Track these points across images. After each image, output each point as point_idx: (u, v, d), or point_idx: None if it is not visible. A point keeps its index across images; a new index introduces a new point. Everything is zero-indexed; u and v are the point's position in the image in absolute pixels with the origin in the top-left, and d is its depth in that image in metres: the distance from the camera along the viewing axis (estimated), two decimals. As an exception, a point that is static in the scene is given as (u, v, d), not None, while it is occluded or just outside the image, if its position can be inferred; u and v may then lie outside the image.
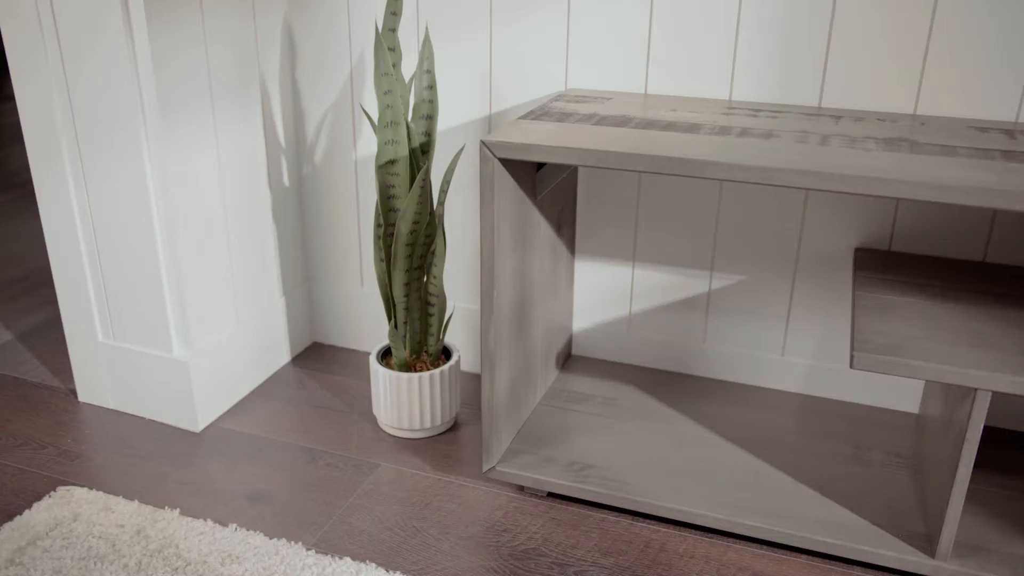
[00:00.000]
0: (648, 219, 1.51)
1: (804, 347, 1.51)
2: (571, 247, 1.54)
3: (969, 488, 1.28)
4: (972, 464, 1.07)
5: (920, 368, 1.05)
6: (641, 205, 1.51)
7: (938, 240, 1.38)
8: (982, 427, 1.06)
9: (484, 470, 1.33)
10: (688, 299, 1.54)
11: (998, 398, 1.44)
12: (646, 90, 1.43)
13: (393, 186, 1.37)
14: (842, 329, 1.47)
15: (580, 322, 1.63)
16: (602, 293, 1.59)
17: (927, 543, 1.17)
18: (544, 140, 1.12)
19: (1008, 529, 1.20)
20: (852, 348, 1.08)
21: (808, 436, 1.41)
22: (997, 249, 1.35)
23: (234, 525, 1.27)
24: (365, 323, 1.76)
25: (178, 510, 1.30)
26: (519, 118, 1.24)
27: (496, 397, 1.28)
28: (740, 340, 1.54)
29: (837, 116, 1.28)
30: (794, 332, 1.50)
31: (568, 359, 1.64)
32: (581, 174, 1.52)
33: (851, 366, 1.07)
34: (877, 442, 1.40)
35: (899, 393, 1.48)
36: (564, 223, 1.48)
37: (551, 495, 1.35)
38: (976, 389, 1.04)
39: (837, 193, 1.28)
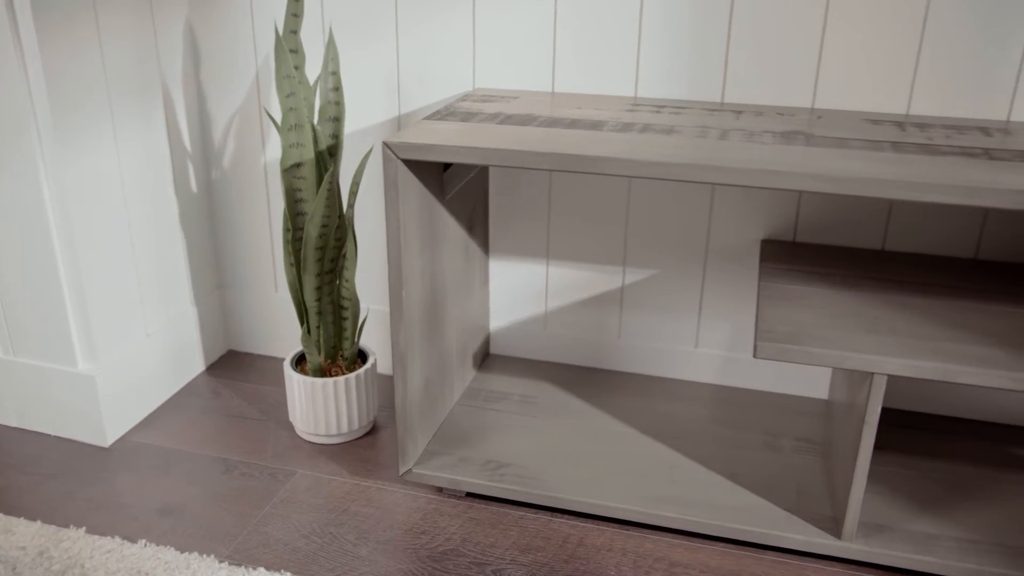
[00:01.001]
0: (559, 217, 1.52)
1: (716, 338, 1.53)
2: (484, 246, 1.54)
3: (873, 469, 1.32)
4: (872, 446, 1.10)
5: (819, 355, 1.07)
6: (552, 203, 1.52)
7: (840, 230, 1.41)
8: (880, 410, 1.09)
9: (400, 473, 1.32)
10: (602, 295, 1.56)
11: (898, 381, 1.48)
12: (553, 88, 1.43)
13: (300, 189, 1.35)
14: (752, 320, 1.50)
15: (497, 321, 1.63)
16: (518, 291, 1.60)
17: (834, 525, 1.20)
18: (447, 140, 1.12)
19: (910, 507, 1.24)
20: (756, 338, 1.10)
21: (722, 425, 1.44)
22: (895, 237, 1.40)
23: (143, 541, 1.24)
24: (281, 329, 1.73)
25: (84, 528, 1.26)
26: (424, 118, 1.24)
27: (410, 399, 1.27)
28: (654, 334, 1.56)
29: (738, 111, 1.31)
30: (706, 324, 1.53)
31: (486, 358, 1.64)
32: (492, 173, 1.53)
33: (754, 355, 1.09)
34: (788, 429, 1.43)
35: (809, 380, 1.52)
36: (476, 223, 1.48)
37: (470, 495, 1.35)
38: (873, 373, 1.07)
39: (737, 187, 1.30)
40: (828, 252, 1.39)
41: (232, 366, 1.73)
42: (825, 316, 1.16)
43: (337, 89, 1.37)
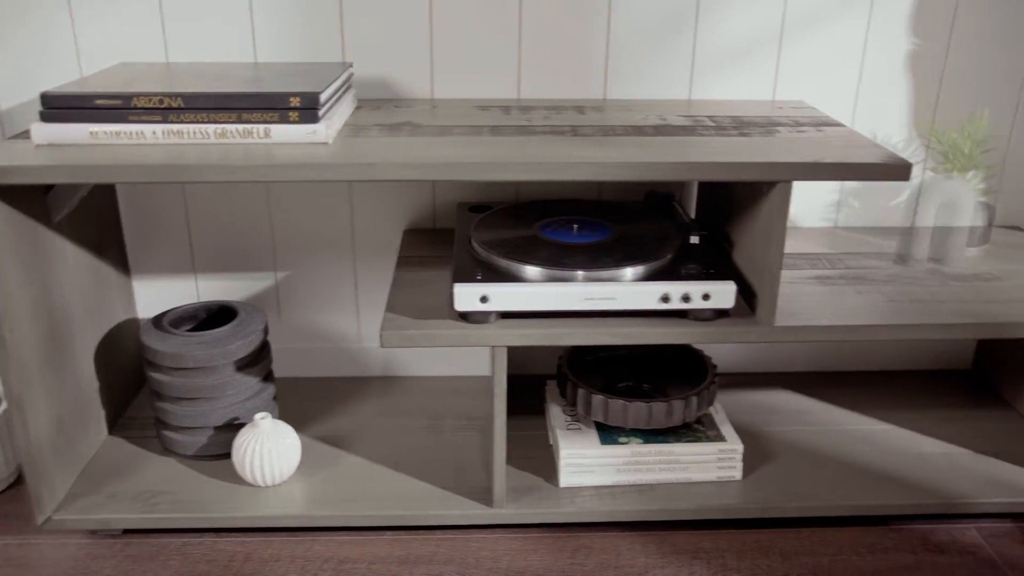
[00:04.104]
0: (200, 227, 1.47)
1: (377, 332, 1.55)
2: (123, 266, 1.46)
3: (526, 435, 1.40)
4: (505, 413, 1.17)
5: (439, 336, 1.11)
6: (190, 213, 1.46)
7: (476, 213, 1.48)
8: (506, 380, 1.15)
9: (39, 523, 1.21)
10: (256, 300, 1.52)
11: (540, 349, 1.58)
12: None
13: None
14: (409, 308, 1.54)
15: (152, 343, 1.55)
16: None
17: (488, 495, 1.26)
18: (28, 160, 1.03)
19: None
20: (381, 328, 1.12)
21: (385, 416, 1.46)
22: (526, 214, 1.48)
23: None
24: (-99, 385, 1.54)
25: None
26: (9, 138, 1.14)
27: (37, 442, 1.17)
28: (315, 334, 1.55)
29: (358, 106, 1.32)
30: (365, 318, 1.54)
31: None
32: (119, 188, 1.44)
33: (381, 345, 1.11)
34: (451, 409, 1.48)
35: (474, 359, 1.58)
36: (106, 243, 1.39)
37: (128, 531, 1.28)
38: (493, 347, 1.13)
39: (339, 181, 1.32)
40: (466, 235, 1.44)
41: None
42: (449, 298, 1.21)
43: (-85, 112, 1.22)
